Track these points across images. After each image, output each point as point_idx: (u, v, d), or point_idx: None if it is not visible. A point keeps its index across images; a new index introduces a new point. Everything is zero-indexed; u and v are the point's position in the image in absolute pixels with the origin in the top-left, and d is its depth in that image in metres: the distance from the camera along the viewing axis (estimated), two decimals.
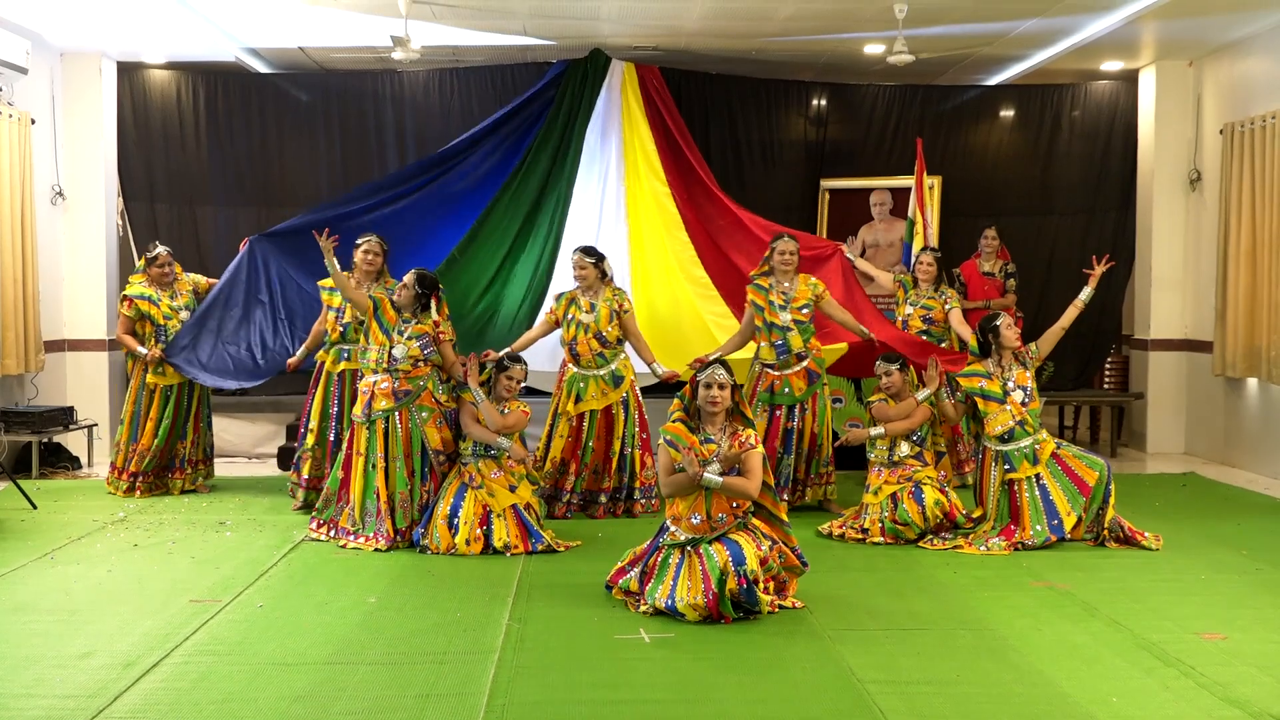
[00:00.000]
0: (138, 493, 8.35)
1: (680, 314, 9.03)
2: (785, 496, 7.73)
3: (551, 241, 9.17)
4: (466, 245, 8.98)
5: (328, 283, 7.85)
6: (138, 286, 8.50)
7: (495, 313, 8.89)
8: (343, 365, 7.90)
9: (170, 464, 8.52)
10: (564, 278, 8.89)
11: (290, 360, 8.21)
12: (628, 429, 7.79)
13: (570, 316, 7.80)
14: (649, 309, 9.04)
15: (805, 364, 7.81)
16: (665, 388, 8.39)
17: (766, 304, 7.79)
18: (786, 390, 7.78)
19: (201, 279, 8.79)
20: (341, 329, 7.86)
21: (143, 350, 8.34)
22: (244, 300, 8.60)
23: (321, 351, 8.00)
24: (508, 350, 7.78)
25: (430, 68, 10.59)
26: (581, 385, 7.76)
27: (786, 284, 7.82)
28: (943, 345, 8.48)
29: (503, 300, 8.97)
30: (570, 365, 7.83)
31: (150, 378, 8.42)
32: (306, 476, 7.91)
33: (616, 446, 7.76)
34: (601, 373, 7.77)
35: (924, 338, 8.53)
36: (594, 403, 7.74)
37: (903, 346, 7.95)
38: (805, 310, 7.78)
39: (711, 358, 7.81)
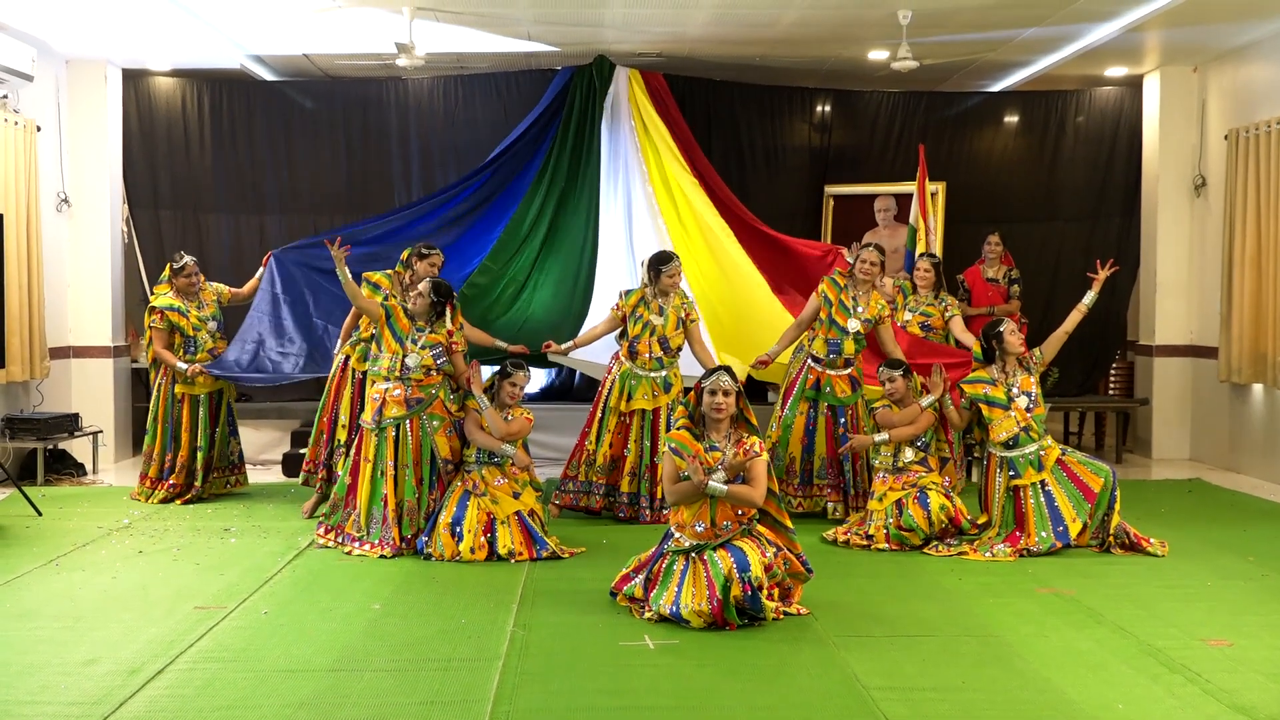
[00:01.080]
0: (177, 503, 8.35)
1: (737, 297, 8.92)
2: (854, 503, 7.74)
3: (581, 243, 9.21)
4: (495, 255, 9.06)
5: (372, 277, 7.79)
6: (164, 298, 8.48)
7: (528, 316, 8.93)
8: (367, 365, 7.86)
9: (205, 472, 8.52)
10: (599, 277, 8.95)
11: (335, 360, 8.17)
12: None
13: (639, 315, 7.81)
14: (704, 301, 8.84)
15: (850, 371, 7.86)
16: None
17: (836, 302, 7.82)
18: (830, 389, 7.81)
19: (224, 288, 8.78)
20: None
21: (183, 366, 8.32)
22: (280, 312, 8.63)
23: (347, 346, 7.96)
24: (569, 345, 8.02)
25: (435, 74, 10.62)
26: (633, 384, 7.79)
27: (861, 292, 7.85)
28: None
29: (535, 304, 9.02)
30: (625, 361, 7.84)
31: (179, 388, 8.42)
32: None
33: (662, 450, 7.74)
34: (655, 376, 7.80)
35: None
36: (644, 403, 7.77)
37: (923, 357, 7.97)
38: (868, 324, 7.81)
39: (774, 352, 7.90)
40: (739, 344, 8.42)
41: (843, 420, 7.83)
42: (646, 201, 9.47)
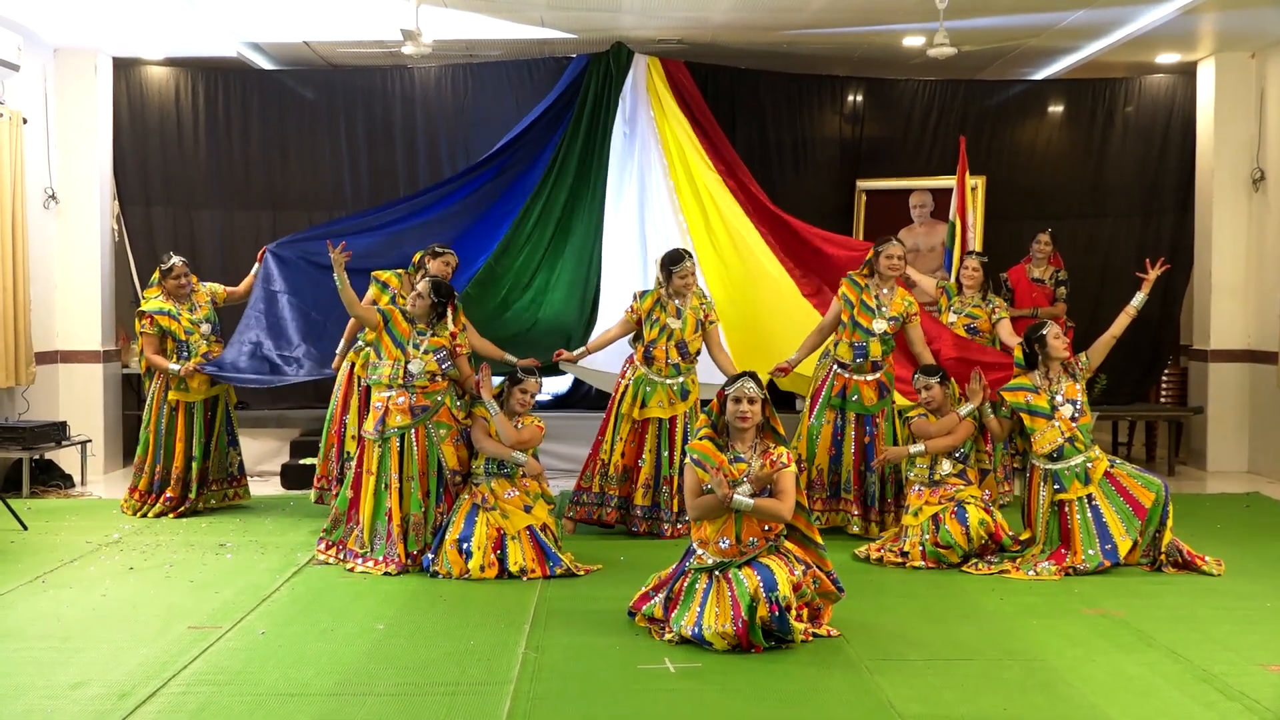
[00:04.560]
0: (171, 515, 8.38)
1: (763, 300, 8.91)
2: (875, 517, 7.72)
3: (592, 242, 9.24)
4: (501, 253, 9.12)
5: (381, 275, 7.95)
6: (155, 302, 8.52)
7: (537, 319, 8.98)
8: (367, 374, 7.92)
9: (200, 483, 8.57)
10: (611, 278, 9.00)
11: (335, 363, 8.21)
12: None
13: (655, 318, 7.80)
14: (730, 304, 8.88)
15: (879, 375, 7.82)
16: None
17: (858, 303, 7.78)
18: (856, 397, 7.76)
19: (219, 288, 8.82)
20: None
21: (175, 367, 8.36)
22: (277, 306, 8.68)
23: (353, 352, 8.01)
24: (581, 351, 8.02)
25: (442, 63, 10.65)
26: (648, 390, 7.77)
27: (885, 290, 7.83)
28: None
29: (545, 306, 9.06)
30: (640, 366, 7.83)
31: (174, 394, 8.44)
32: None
33: (677, 462, 7.74)
34: (671, 382, 7.79)
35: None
36: (660, 411, 7.75)
37: (969, 356, 7.97)
38: (894, 323, 7.79)
39: (795, 360, 7.90)
40: (763, 350, 8.34)
41: (870, 430, 7.79)
42: (668, 195, 9.47)
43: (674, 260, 7.86)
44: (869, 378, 7.81)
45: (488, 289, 8.84)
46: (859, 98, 11.06)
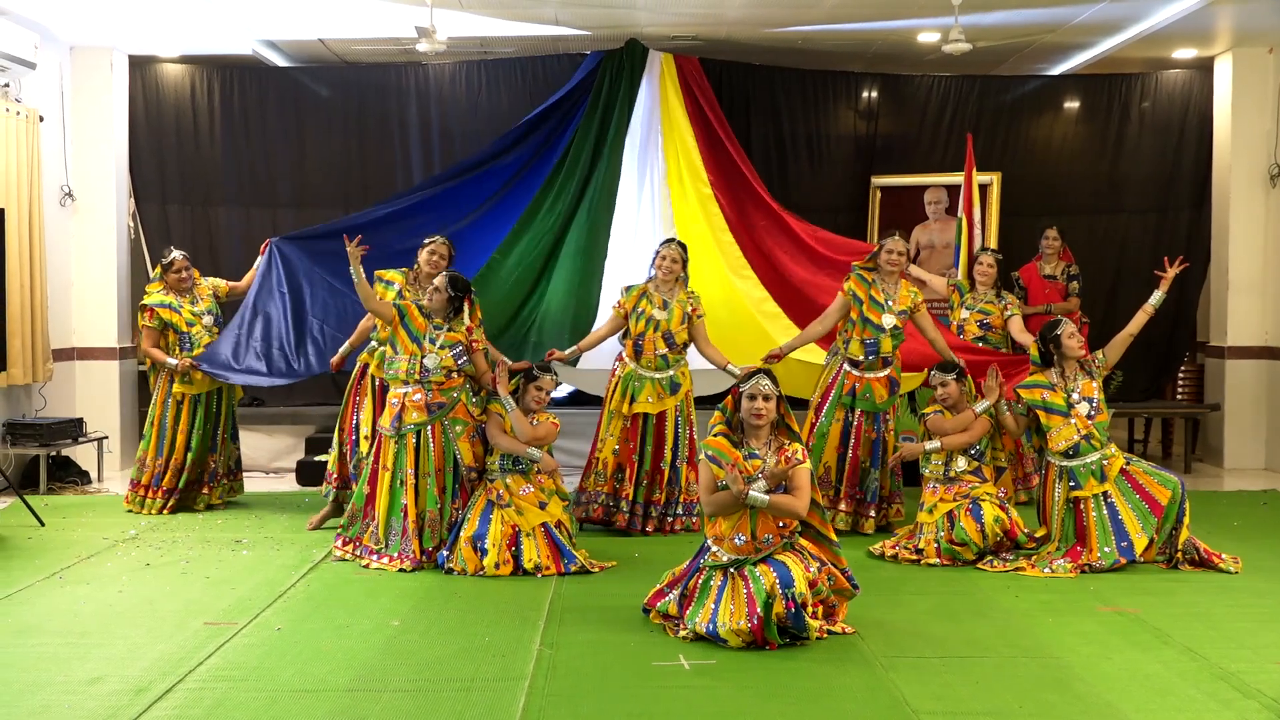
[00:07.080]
0: (167, 511, 8.41)
1: (734, 317, 8.90)
2: (872, 513, 7.73)
3: (598, 241, 9.22)
4: (508, 249, 9.07)
5: (385, 274, 7.89)
6: (156, 295, 8.58)
7: (539, 317, 8.96)
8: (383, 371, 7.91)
9: (200, 478, 8.60)
10: (613, 279, 8.94)
11: (333, 360, 8.19)
12: (680, 441, 7.81)
13: (640, 310, 7.81)
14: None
15: (888, 371, 7.81)
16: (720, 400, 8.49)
17: (867, 299, 7.77)
18: (868, 395, 7.75)
19: (221, 282, 8.87)
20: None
21: (173, 362, 8.40)
22: (273, 302, 8.66)
23: (365, 353, 7.99)
24: (573, 350, 8.01)
25: (457, 60, 10.66)
26: (637, 385, 7.78)
27: (891, 285, 7.82)
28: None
29: (546, 304, 9.03)
30: (629, 361, 7.83)
31: (178, 387, 8.49)
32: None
33: (668, 457, 7.77)
34: (660, 376, 7.79)
35: (980, 345, 8.49)
36: (648, 406, 7.76)
37: (976, 366, 7.95)
38: (903, 316, 7.79)
39: (788, 347, 7.88)
40: (726, 351, 8.26)
41: (878, 427, 7.78)
42: (663, 199, 9.49)
43: (661, 244, 7.96)
44: (880, 374, 7.79)
45: (492, 286, 8.81)
46: (874, 94, 11.04)
